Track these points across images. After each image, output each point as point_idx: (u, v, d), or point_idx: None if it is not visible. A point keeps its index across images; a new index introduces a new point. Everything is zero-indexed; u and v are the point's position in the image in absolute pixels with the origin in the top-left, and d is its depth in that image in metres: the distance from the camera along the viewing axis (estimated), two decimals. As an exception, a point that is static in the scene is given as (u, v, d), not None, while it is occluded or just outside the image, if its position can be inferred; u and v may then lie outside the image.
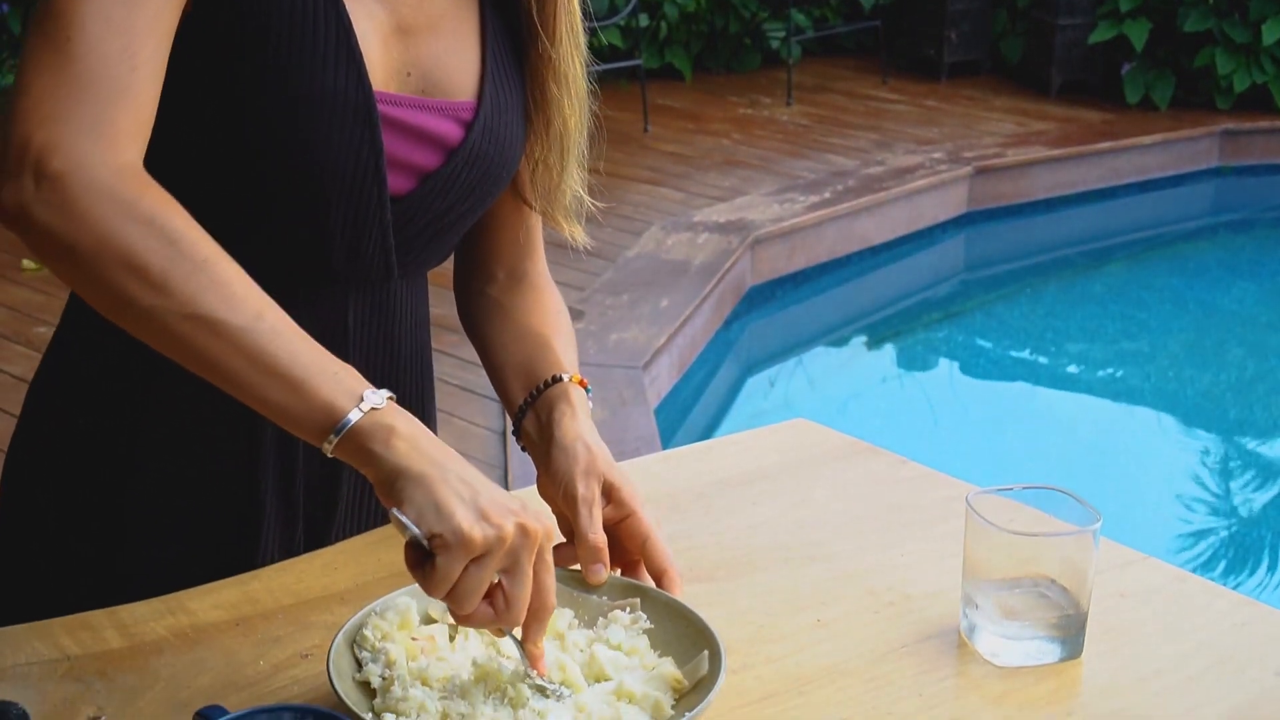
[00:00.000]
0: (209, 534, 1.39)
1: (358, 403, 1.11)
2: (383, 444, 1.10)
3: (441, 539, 1.07)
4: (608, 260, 5.70)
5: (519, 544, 1.08)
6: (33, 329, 4.86)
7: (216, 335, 1.12)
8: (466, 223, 1.42)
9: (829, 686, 1.23)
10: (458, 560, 1.07)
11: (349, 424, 1.10)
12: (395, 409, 1.12)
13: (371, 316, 1.39)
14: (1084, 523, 1.27)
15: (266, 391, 1.12)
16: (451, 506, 1.07)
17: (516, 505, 1.10)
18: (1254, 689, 1.24)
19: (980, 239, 7.11)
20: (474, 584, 1.08)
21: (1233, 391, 5.90)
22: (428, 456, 1.10)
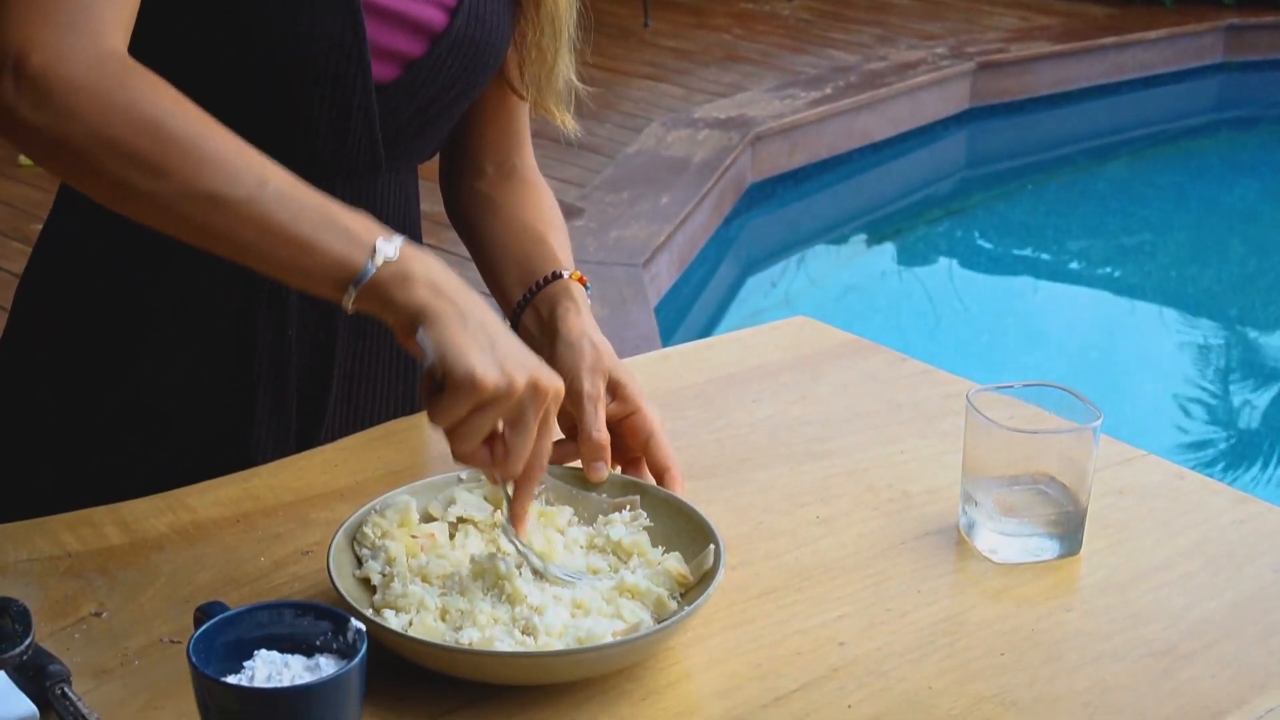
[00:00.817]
0: (203, 429, 1.39)
1: (370, 255, 1.10)
2: (402, 290, 1.10)
3: (453, 378, 1.08)
4: (607, 157, 5.66)
5: (528, 397, 1.09)
6: (30, 225, 4.84)
7: (221, 210, 1.10)
8: (454, 113, 1.40)
9: (828, 582, 1.23)
10: (465, 401, 1.08)
11: (365, 278, 1.10)
12: (411, 253, 1.11)
13: (359, 208, 1.38)
14: (1084, 420, 1.27)
15: (279, 258, 1.12)
16: (467, 348, 1.08)
17: (533, 361, 1.11)
18: (1251, 585, 1.25)
19: (982, 135, 7.07)
20: (476, 427, 1.09)
21: (1234, 289, 5.89)
22: (449, 299, 1.10)
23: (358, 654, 0.93)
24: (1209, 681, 1.12)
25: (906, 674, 1.12)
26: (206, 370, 1.38)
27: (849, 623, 1.18)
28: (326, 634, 0.97)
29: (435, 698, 1.06)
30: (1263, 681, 1.12)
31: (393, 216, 1.42)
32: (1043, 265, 6.18)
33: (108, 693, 1.06)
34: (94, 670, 1.08)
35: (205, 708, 0.92)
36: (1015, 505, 1.27)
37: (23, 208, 5.03)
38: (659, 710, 1.07)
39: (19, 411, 1.43)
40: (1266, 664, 1.14)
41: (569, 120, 1.45)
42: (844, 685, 1.10)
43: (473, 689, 1.07)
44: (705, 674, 1.12)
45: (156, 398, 1.38)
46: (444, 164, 1.53)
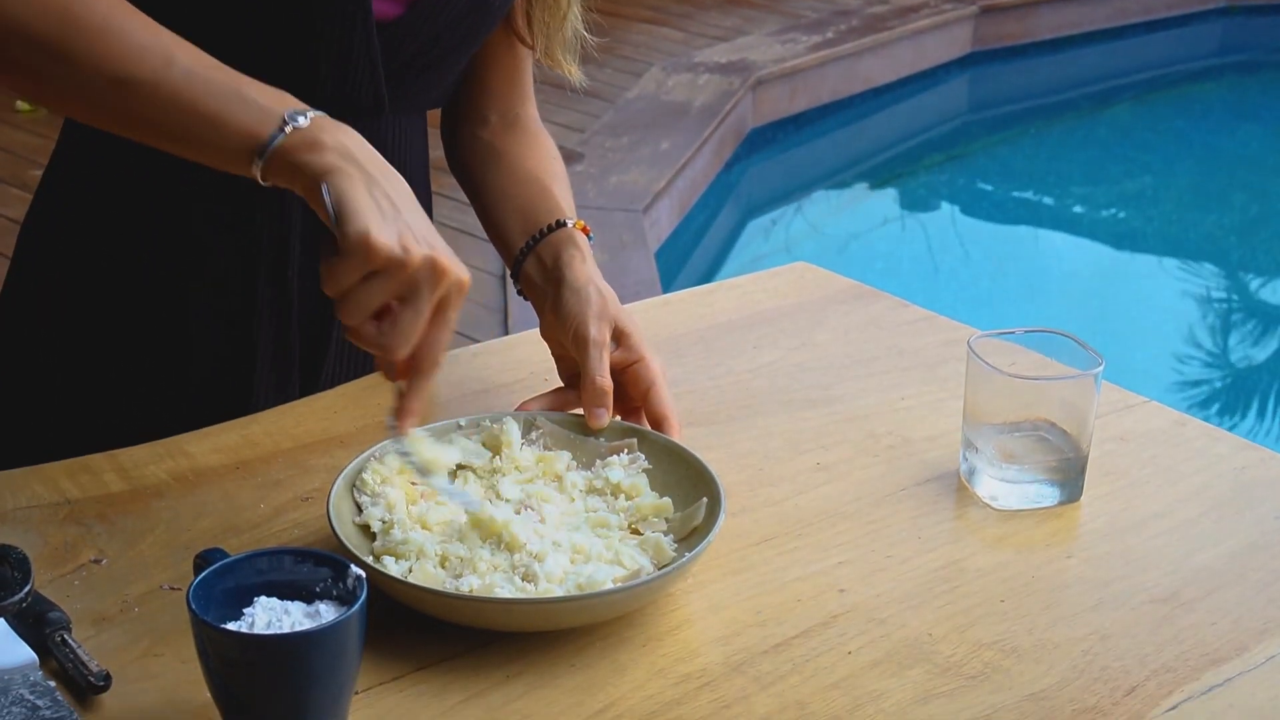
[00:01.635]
0: (205, 375, 1.39)
1: (280, 124, 1.08)
2: (309, 152, 1.07)
3: (346, 239, 1.05)
4: (607, 102, 5.64)
5: (423, 274, 1.06)
6: (28, 171, 4.82)
7: (129, 91, 1.09)
8: (459, 57, 1.39)
9: (828, 529, 1.23)
10: (356, 265, 1.05)
11: (273, 144, 1.07)
12: (327, 123, 1.09)
13: None
14: (1085, 366, 1.26)
15: (190, 134, 1.10)
16: (366, 209, 1.05)
17: (439, 243, 1.08)
18: (1253, 532, 1.25)
19: (984, 80, 7.04)
20: (364, 296, 1.06)
21: (1236, 235, 5.88)
22: (358, 163, 1.07)
23: (358, 600, 0.93)
24: (1209, 629, 1.12)
25: (906, 620, 1.12)
26: (208, 315, 1.37)
27: (849, 569, 1.18)
28: (326, 580, 0.96)
29: (435, 644, 1.07)
30: (1262, 628, 1.12)
31: (397, 161, 1.41)
32: (1045, 210, 6.16)
33: (108, 639, 1.06)
34: (94, 617, 1.08)
35: (205, 654, 0.92)
36: (1016, 452, 1.27)
37: (21, 154, 5.01)
38: (659, 656, 1.07)
39: (20, 358, 1.43)
40: (1267, 611, 1.14)
41: (575, 71, 1.43)
42: (844, 632, 1.10)
43: (473, 635, 1.07)
44: (705, 620, 1.12)
45: (158, 344, 1.38)
46: (445, 110, 1.52)
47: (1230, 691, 1.05)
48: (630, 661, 1.07)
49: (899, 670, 1.06)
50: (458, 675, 1.04)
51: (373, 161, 1.09)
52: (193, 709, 0.99)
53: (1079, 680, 1.06)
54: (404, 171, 1.42)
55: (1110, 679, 1.06)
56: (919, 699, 1.03)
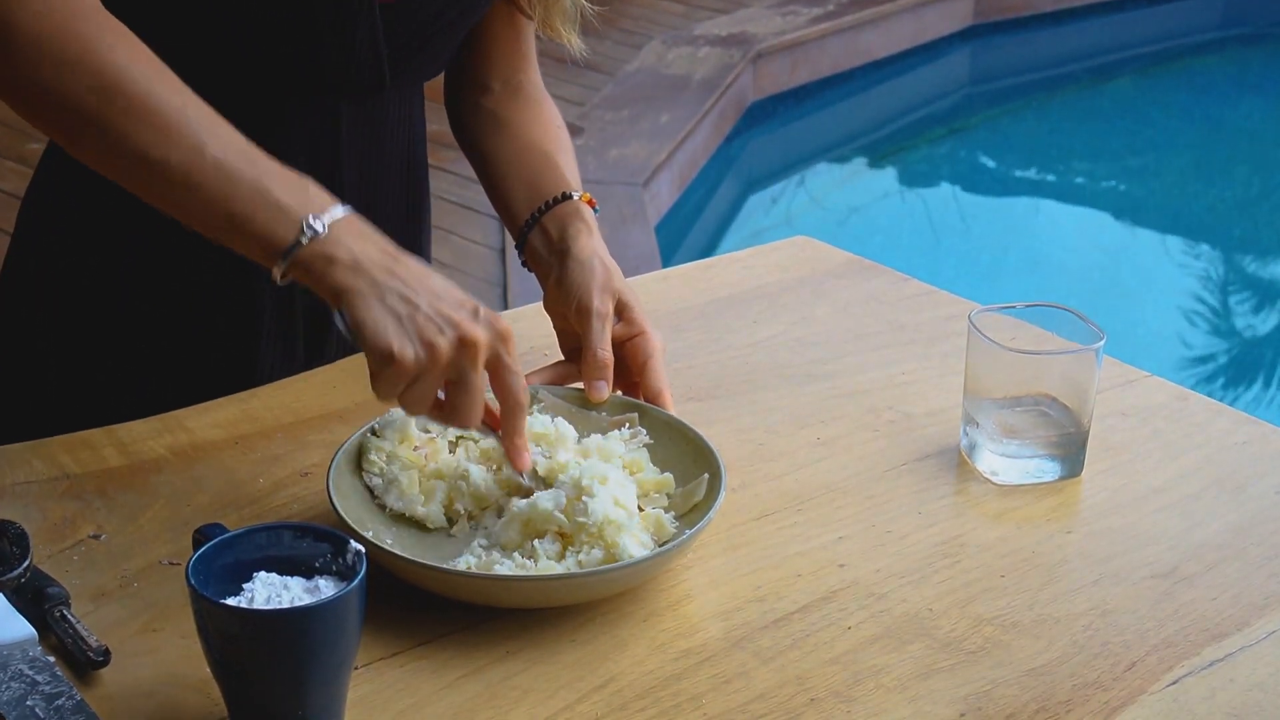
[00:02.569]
0: (208, 350, 1.39)
1: (298, 231, 1.09)
2: (325, 269, 1.08)
3: (373, 362, 1.07)
4: (607, 75, 5.62)
5: (458, 357, 1.07)
6: (25, 145, 4.81)
7: (158, 173, 1.10)
8: (459, 29, 1.39)
9: (828, 504, 1.23)
10: (392, 379, 1.07)
11: (290, 255, 1.08)
12: (345, 228, 1.10)
13: (364, 128, 1.37)
14: (1086, 341, 1.26)
15: (211, 225, 1.11)
16: (383, 328, 1.06)
17: (462, 315, 1.08)
18: (1254, 507, 1.24)
19: (985, 53, 7.01)
20: (415, 398, 1.08)
21: (1238, 208, 5.87)
22: (368, 275, 1.08)
23: (357, 576, 0.93)
24: (1210, 604, 1.12)
25: (907, 596, 1.12)
26: (210, 290, 1.37)
27: (849, 545, 1.18)
28: (326, 556, 0.96)
29: (435, 620, 1.06)
30: (1263, 603, 1.12)
31: (397, 135, 1.41)
32: (1046, 184, 6.15)
33: (107, 615, 1.06)
34: (93, 592, 1.08)
35: (204, 630, 0.92)
36: (1017, 427, 1.27)
37: (18, 128, 4.98)
38: (659, 632, 1.07)
39: (20, 333, 1.43)
40: (1267, 586, 1.14)
41: (575, 40, 1.43)
42: (844, 607, 1.10)
43: (473, 611, 1.07)
44: (705, 596, 1.11)
45: (159, 319, 1.37)
46: (449, 80, 1.51)
47: (1231, 666, 1.05)
48: (630, 637, 1.06)
49: (899, 645, 1.06)
50: (458, 651, 1.04)
51: (382, 265, 1.10)
52: (192, 684, 0.99)
53: (1079, 655, 1.06)
54: (404, 149, 1.42)
55: (1111, 654, 1.06)
56: (919, 674, 1.03)
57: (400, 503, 1.16)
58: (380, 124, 1.39)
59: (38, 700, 0.93)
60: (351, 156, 1.37)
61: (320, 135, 1.34)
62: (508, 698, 1.00)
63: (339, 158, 1.35)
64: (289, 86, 1.30)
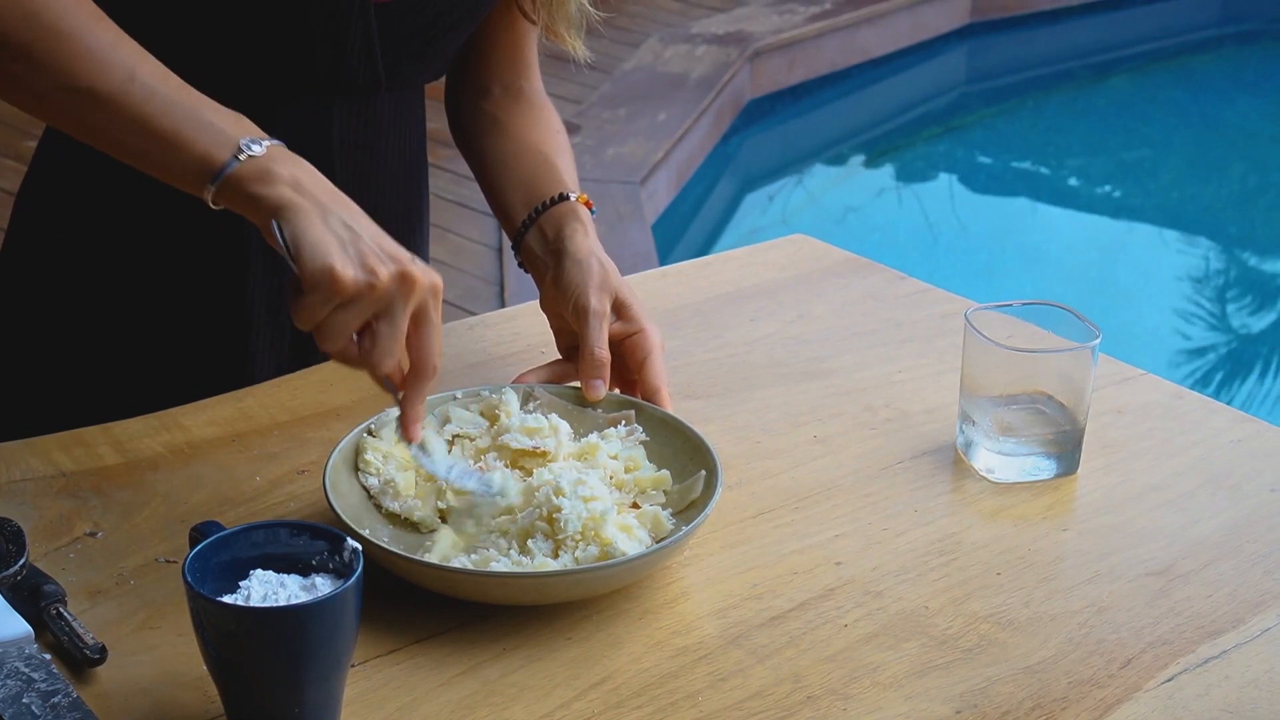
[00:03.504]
0: (200, 349, 1.38)
1: (235, 151, 1.08)
2: (262, 184, 1.07)
3: (309, 276, 1.05)
4: (604, 73, 5.62)
5: (395, 290, 1.06)
6: (22, 143, 4.81)
7: (89, 103, 1.09)
8: (458, 34, 1.38)
9: (825, 502, 1.23)
10: (324, 300, 1.05)
11: (226, 171, 1.07)
12: (280, 154, 1.09)
13: (357, 130, 1.37)
14: (1083, 339, 1.26)
15: (146, 152, 1.10)
16: (325, 245, 1.05)
17: (404, 255, 1.08)
18: (1249, 505, 1.25)
19: (983, 51, 7.01)
20: (338, 325, 1.07)
21: (1234, 207, 5.87)
22: (311, 195, 1.07)
23: (354, 573, 0.93)
24: (1205, 601, 1.12)
25: (903, 594, 1.12)
26: (203, 287, 1.37)
27: (845, 542, 1.18)
28: (323, 553, 0.96)
29: (432, 618, 1.07)
30: (1258, 601, 1.12)
31: (394, 136, 1.41)
32: (1043, 183, 6.15)
33: (103, 612, 1.06)
34: (89, 590, 1.08)
35: (201, 627, 0.92)
36: (1013, 424, 1.27)
37: (15, 124, 4.99)
38: (655, 629, 1.07)
39: (15, 330, 1.42)
40: (1263, 583, 1.14)
41: (580, 46, 1.42)
42: (840, 605, 1.10)
43: (470, 609, 1.07)
44: (702, 593, 1.12)
45: (153, 316, 1.37)
46: (449, 82, 1.51)
47: (1226, 664, 1.05)
48: (627, 634, 1.07)
49: (895, 643, 1.06)
50: (454, 648, 1.04)
51: (326, 191, 1.09)
52: (188, 681, 0.99)
53: (1075, 653, 1.06)
54: (401, 150, 1.42)
55: (1106, 651, 1.06)
56: (915, 671, 1.04)
57: (396, 503, 1.15)
58: (375, 125, 1.38)
59: (33, 698, 0.93)
60: (345, 157, 1.37)
61: (312, 135, 1.33)
62: (504, 695, 1.00)
63: (331, 158, 1.35)
64: (281, 86, 1.30)
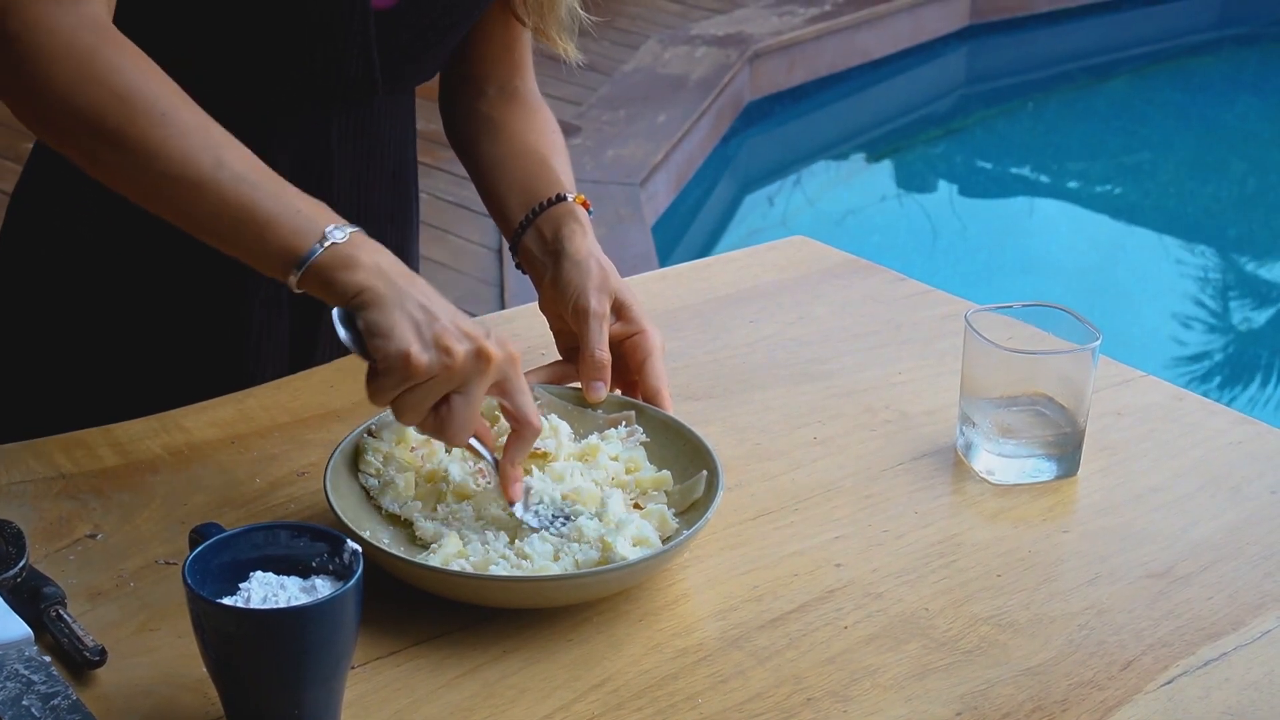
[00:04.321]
0: (199, 348, 1.38)
1: (319, 239, 1.09)
2: (344, 270, 1.08)
3: (385, 361, 1.06)
4: (604, 75, 5.62)
5: (470, 368, 1.07)
6: (22, 144, 4.80)
7: (179, 189, 1.10)
8: (453, 37, 1.39)
9: (825, 504, 1.23)
10: (396, 382, 1.07)
11: (311, 258, 1.09)
12: (362, 241, 1.10)
13: (355, 135, 1.37)
14: (1083, 340, 1.26)
15: (233, 237, 1.11)
16: (401, 330, 1.06)
17: (480, 332, 1.08)
18: (1249, 506, 1.25)
19: (982, 53, 7.01)
20: (415, 402, 1.08)
21: (1234, 208, 5.87)
22: (388, 280, 1.09)
23: (354, 575, 0.93)
24: (1205, 603, 1.12)
25: (903, 595, 1.12)
26: (201, 288, 1.37)
27: (846, 544, 1.18)
28: (323, 555, 0.96)
29: (432, 620, 1.07)
30: (1259, 603, 1.12)
31: (389, 138, 1.41)
32: (1042, 184, 6.15)
33: (103, 614, 1.06)
34: (89, 592, 1.08)
35: (201, 629, 0.92)
36: (1013, 426, 1.27)
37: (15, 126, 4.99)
38: (656, 631, 1.07)
39: (14, 332, 1.42)
40: (1263, 585, 1.14)
41: (572, 49, 1.42)
42: (840, 606, 1.10)
43: (470, 611, 1.07)
44: (702, 595, 1.12)
45: (153, 317, 1.37)
46: (444, 83, 1.51)
47: (1226, 666, 1.05)
48: (627, 636, 1.06)
49: (895, 645, 1.06)
50: (454, 650, 1.04)
51: (403, 275, 1.10)
52: (188, 684, 0.99)
53: (1075, 655, 1.06)
54: (395, 152, 1.42)
55: (1106, 653, 1.06)
56: (915, 673, 1.03)
57: (396, 505, 1.15)
58: (372, 130, 1.39)
59: (33, 700, 0.93)
60: (343, 163, 1.37)
61: (311, 142, 1.34)
62: (504, 697, 1.00)
63: (330, 165, 1.36)
64: (280, 94, 1.30)
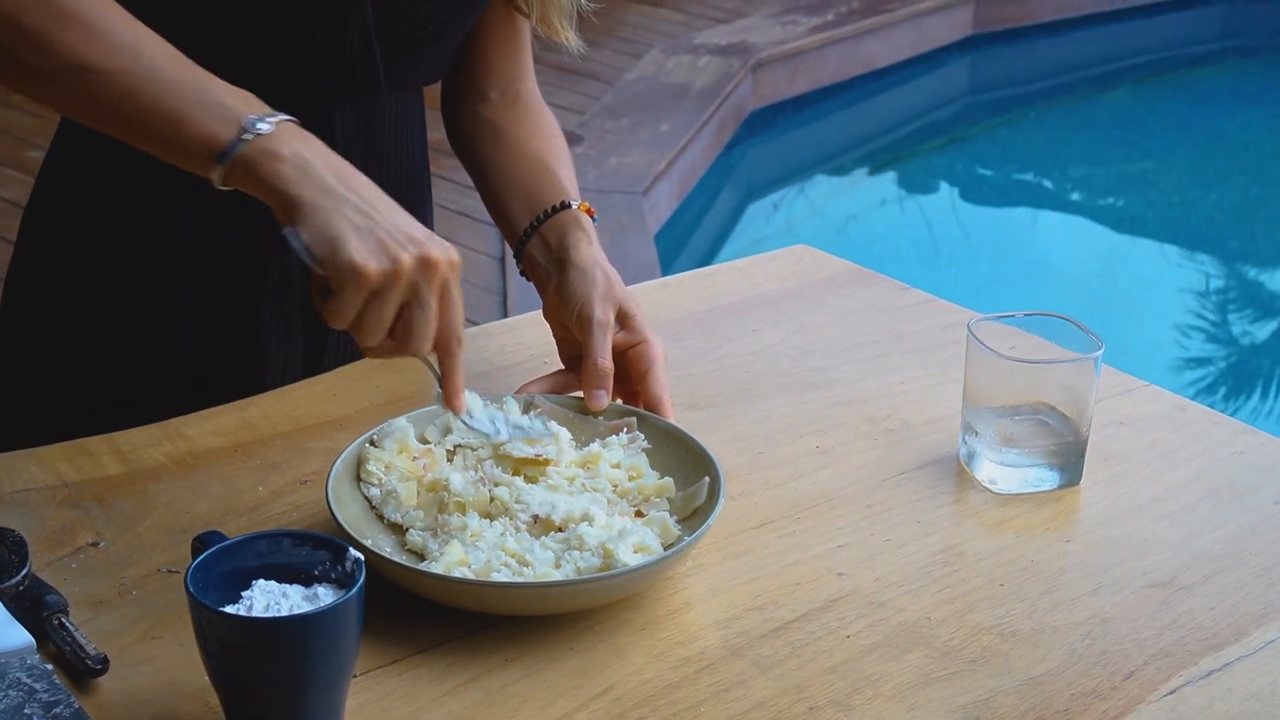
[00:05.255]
0: (208, 359, 1.38)
1: (241, 131, 1.07)
2: (270, 172, 1.06)
3: (336, 274, 1.04)
4: (607, 83, 5.62)
5: (418, 275, 1.06)
6: (25, 153, 4.81)
7: (96, 83, 1.08)
8: (455, 30, 1.38)
9: (827, 513, 1.23)
10: (355, 295, 1.05)
11: (232, 153, 1.06)
12: (288, 131, 1.08)
13: (359, 133, 1.37)
14: (1085, 350, 1.26)
15: (153, 130, 1.09)
16: (345, 238, 1.04)
17: (420, 234, 1.07)
18: (1252, 517, 1.24)
19: (985, 62, 7.02)
20: (375, 318, 1.06)
21: (1236, 219, 5.87)
22: (320, 183, 1.06)
23: (356, 583, 0.93)
24: (1208, 613, 1.12)
25: (905, 605, 1.12)
26: (211, 298, 1.37)
27: (848, 553, 1.18)
28: (325, 563, 0.96)
29: (434, 628, 1.06)
30: (1261, 613, 1.12)
31: (395, 140, 1.41)
32: (1045, 194, 6.15)
33: (105, 623, 1.06)
34: (92, 600, 1.08)
35: (203, 637, 0.92)
36: (1015, 435, 1.27)
37: (18, 134, 5.00)
38: (658, 640, 1.07)
39: (20, 341, 1.43)
40: (1265, 596, 1.14)
41: (573, 38, 1.42)
42: (843, 616, 1.10)
43: (472, 619, 1.07)
44: (704, 604, 1.11)
45: (160, 327, 1.37)
46: (446, 87, 1.51)
47: (1228, 676, 1.05)
48: (629, 645, 1.06)
49: (898, 654, 1.06)
50: (457, 658, 1.04)
51: (333, 170, 1.08)
52: (191, 692, 0.99)
53: (1078, 664, 1.06)
54: (403, 155, 1.42)
55: (1109, 663, 1.06)
56: (918, 683, 1.03)
57: (398, 514, 1.15)
58: (377, 128, 1.38)
59: (35, 708, 0.93)
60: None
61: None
62: (507, 705, 1.00)
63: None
64: (281, 87, 1.30)
